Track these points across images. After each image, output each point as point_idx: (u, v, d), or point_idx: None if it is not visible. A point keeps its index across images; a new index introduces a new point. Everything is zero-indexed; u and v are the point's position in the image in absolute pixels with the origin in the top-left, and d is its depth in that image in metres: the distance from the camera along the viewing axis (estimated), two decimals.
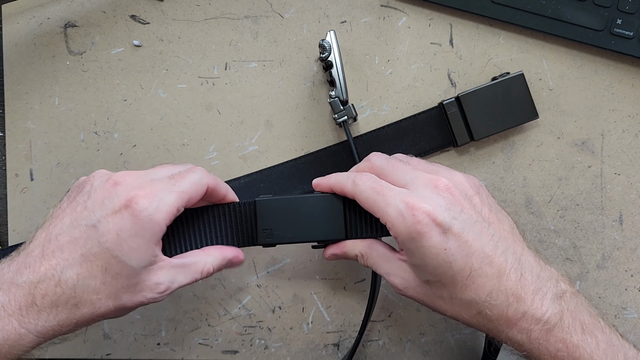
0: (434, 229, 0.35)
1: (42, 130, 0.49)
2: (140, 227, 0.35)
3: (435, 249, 0.35)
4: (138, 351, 0.50)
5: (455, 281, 0.36)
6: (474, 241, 0.36)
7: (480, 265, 0.35)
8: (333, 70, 0.45)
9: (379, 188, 0.37)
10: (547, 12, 0.48)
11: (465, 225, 0.36)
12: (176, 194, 0.37)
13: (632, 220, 0.50)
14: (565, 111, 0.50)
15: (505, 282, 0.35)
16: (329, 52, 0.45)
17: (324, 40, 0.45)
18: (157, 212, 0.35)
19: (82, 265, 0.35)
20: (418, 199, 0.36)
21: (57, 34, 0.49)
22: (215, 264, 0.40)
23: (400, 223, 0.36)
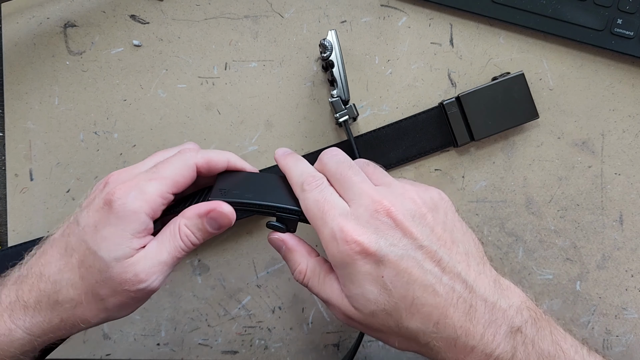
0: (365, 258, 0.33)
1: (41, 130, 0.49)
2: (115, 217, 0.34)
3: (370, 276, 0.34)
4: (138, 351, 0.50)
5: (399, 309, 0.34)
6: (414, 268, 0.33)
7: (423, 294, 0.33)
8: (334, 70, 0.45)
9: (321, 203, 0.35)
10: (547, 11, 0.47)
11: (405, 251, 0.34)
12: (156, 181, 0.35)
13: (633, 221, 0.50)
14: (565, 111, 0.50)
15: (452, 313, 0.33)
16: (330, 52, 0.45)
17: (325, 40, 0.45)
18: (133, 201, 0.34)
19: (62, 259, 0.35)
20: (353, 226, 0.34)
21: (56, 33, 0.49)
22: (189, 223, 0.36)
23: (333, 247, 0.34)
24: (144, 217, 0.34)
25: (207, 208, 0.36)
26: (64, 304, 0.34)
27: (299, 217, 0.37)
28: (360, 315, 0.35)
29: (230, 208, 0.36)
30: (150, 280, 0.34)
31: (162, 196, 0.35)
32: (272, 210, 0.37)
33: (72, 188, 0.49)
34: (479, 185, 0.50)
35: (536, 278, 0.50)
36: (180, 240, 0.36)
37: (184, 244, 0.36)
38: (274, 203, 0.37)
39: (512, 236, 0.50)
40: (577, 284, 0.50)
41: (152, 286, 0.35)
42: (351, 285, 0.34)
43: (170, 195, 0.36)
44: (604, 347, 0.50)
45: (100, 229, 0.34)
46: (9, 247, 0.48)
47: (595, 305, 0.50)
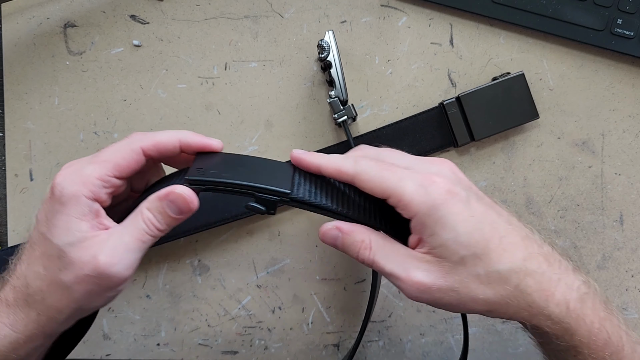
0: (456, 197, 0.34)
1: (41, 131, 0.49)
2: (58, 203, 0.34)
3: (463, 215, 0.33)
4: (138, 352, 0.50)
5: (490, 250, 0.33)
6: (491, 210, 0.35)
7: (507, 232, 0.34)
8: (332, 70, 0.45)
9: (386, 165, 0.35)
10: (547, 12, 0.47)
11: (478, 199, 0.35)
12: (95, 164, 0.35)
13: (633, 221, 0.50)
14: (565, 111, 0.50)
15: (535, 247, 0.34)
16: (327, 52, 0.45)
17: (323, 40, 0.45)
18: (71, 185, 0.34)
19: (29, 254, 0.35)
20: (432, 172, 0.35)
21: (56, 34, 0.49)
22: (151, 207, 0.35)
23: (421, 195, 0.33)
24: (84, 199, 0.34)
25: (166, 191, 0.35)
26: (34, 296, 0.34)
27: (279, 198, 0.35)
28: (445, 269, 0.34)
29: (189, 191, 0.35)
30: (110, 263, 0.33)
31: (101, 178, 0.34)
32: (250, 191, 0.35)
33: None
34: (479, 185, 0.50)
35: None
36: (143, 223, 0.35)
37: (147, 227, 0.35)
38: (252, 183, 0.35)
39: None
40: None
41: (113, 270, 0.33)
42: (442, 231, 0.33)
43: (112, 178, 0.35)
44: None
45: (50, 218, 0.34)
46: (9, 247, 0.48)
47: None
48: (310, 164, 0.37)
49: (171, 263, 0.50)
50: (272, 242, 0.50)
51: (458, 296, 0.34)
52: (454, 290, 0.34)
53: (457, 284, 0.34)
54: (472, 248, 0.33)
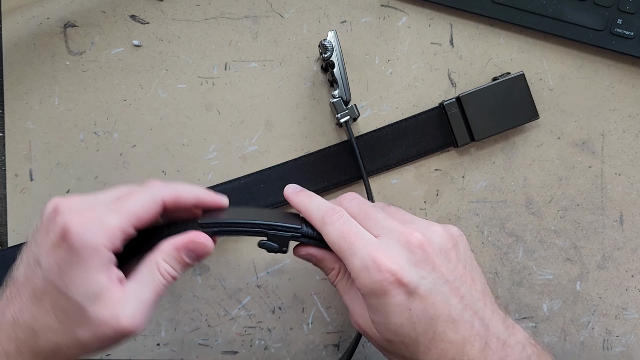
0: (398, 288, 0.33)
1: (41, 131, 0.49)
2: (77, 256, 0.32)
3: (399, 308, 0.33)
4: (138, 352, 0.50)
5: (418, 343, 0.34)
6: (441, 303, 0.34)
7: (445, 330, 0.34)
8: (335, 70, 0.45)
9: (347, 234, 0.35)
10: (547, 12, 0.47)
11: (434, 285, 0.34)
12: (118, 214, 0.33)
13: (633, 221, 0.50)
14: (565, 111, 0.50)
15: (469, 350, 0.34)
16: (331, 52, 0.45)
17: (326, 40, 0.45)
18: (93, 236, 0.32)
19: (34, 304, 0.33)
20: (386, 255, 0.34)
21: (56, 34, 0.49)
22: (167, 257, 0.35)
23: (364, 277, 0.34)
24: (104, 251, 0.32)
25: (185, 240, 0.35)
26: (44, 347, 0.33)
27: (290, 235, 0.37)
28: (377, 337, 0.36)
29: (208, 238, 0.35)
30: (132, 324, 0.33)
31: (123, 230, 0.33)
32: (262, 229, 0.36)
33: (72, 188, 0.49)
34: (479, 185, 0.50)
35: (536, 278, 0.50)
36: (161, 276, 0.34)
37: (164, 279, 0.34)
38: (263, 221, 0.36)
39: (512, 236, 0.50)
40: (578, 284, 0.50)
41: (134, 329, 0.33)
42: (376, 314, 0.35)
43: (132, 229, 0.34)
44: (604, 347, 0.50)
45: (64, 269, 0.32)
46: (8, 247, 0.48)
47: (595, 305, 0.50)
48: (292, 204, 0.39)
49: None
50: None
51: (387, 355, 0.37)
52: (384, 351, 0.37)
53: (385, 350, 0.36)
54: (400, 337, 0.34)
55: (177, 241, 0.35)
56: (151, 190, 0.35)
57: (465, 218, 0.50)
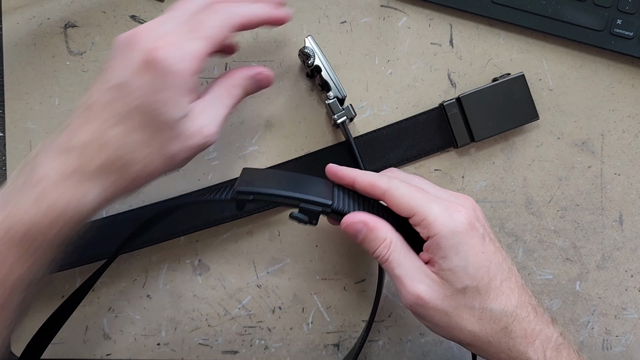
0: (475, 230, 0.36)
1: (42, 131, 0.49)
2: (165, 80, 0.34)
3: (475, 249, 0.36)
4: (138, 351, 0.50)
5: (490, 288, 0.36)
6: (499, 252, 0.37)
7: (509, 275, 0.37)
8: (323, 73, 0.45)
9: (415, 191, 0.37)
10: (547, 12, 0.48)
11: (490, 239, 0.37)
12: (198, 39, 0.35)
13: (632, 221, 0.50)
14: (565, 111, 0.50)
15: (526, 295, 0.37)
16: (313, 57, 0.45)
17: (305, 47, 0.45)
18: (179, 62, 0.34)
19: (122, 124, 0.34)
20: (458, 204, 0.37)
21: (57, 34, 0.49)
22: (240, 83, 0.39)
23: (444, 219, 0.36)
24: (190, 76, 0.35)
25: (255, 71, 0.40)
26: (135, 164, 0.35)
27: (321, 210, 0.37)
28: (446, 293, 0.36)
29: (270, 72, 0.41)
30: (213, 132, 0.37)
31: (205, 55, 0.35)
32: (295, 202, 0.37)
33: None
34: (478, 185, 0.50)
35: (536, 278, 0.50)
36: (233, 97, 0.39)
37: (234, 100, 0.39)
38: (297, 194, 0.37)
39: (512, 236, 0.50)
40: (577, 284, 0.50)
41: (214, 138, 0.37)
42: (455, 257, 0.36)
43: (210, 53, 0.36)
44: (604, 347, 0.51)
45: (155, 92, 0.34)
46: None
47: (595, 305, 0.50)
48: (345, 176, 0.40)
49: (171, 263, 0.50)
50: (272, 242, 0.50)
51: (448, 320, 0.37)
52: (447, 314, 0.36)
53: (451, 309, 0.36)
54: (475, 281, 0.36)
55: (248, 70, 0.40)
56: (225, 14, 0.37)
57: None
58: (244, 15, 0.37)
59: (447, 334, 0.38)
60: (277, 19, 0.40)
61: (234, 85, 0.39)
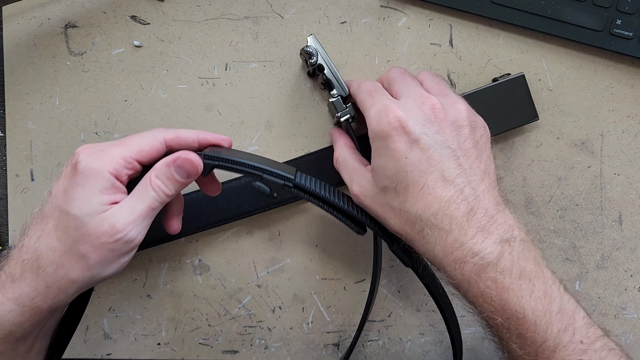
0: (401, 135, 0.37)
1: (42, 131, 0.49)
2: (81, 177, 0.35)
3: (397, 153, 0.37)
4: (138, 351, 0.50)
5: (408, 192, 0.37)
6: (436, 161, 0.37)
7: (434, 185, 0.37)
8: (326, 71, 0.45)
9: (373, 92, 0.41)
10: (546, 12, 0.48)
11: (434, 144, 0.37)
12: (120, 146, 0.37)
13: (632, 221, 0.50)
14: (564, 111, 0.50)
15: (453, 209, 0.36)
16: (316, 56, 0.45)
17: (308, 46, 0.45)
18: (96, 160, 0.36)
19: (39, 227, 0.36)
20: (398, 106, 0.38)
21: (57, 34, 0.49)
22: (159, 174, 0.37)
23: (375, 121, 0.39)
24: (107, 175, 0.36)
25: (173, 157, 0.38)
26: (46, 267, 0.35)
27: (284, 182, 0.39)
28: (373, 189, 0.39)
29: (195, 155, 0.38)
30: (127, 230, 0.36)
31: (124, 159, 0.37)
32: (258, 172, 0.39)
33: None
34: None
35: None
36: (153, 190, 0.37)
37: (156, 194, 0.37)
38: (261, 165, 0.39)
39: None
40: (577, 283, 0.50)
41: (129, 236, 0.36)
42: (378, 158, 0.39)
43: (134, 161, 0.37)
44: None
45: (69, 191, 0.35)
46: (9, 246, 0.48)
47: (594, 305, 0.50)
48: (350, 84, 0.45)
49: (172, 263, 0.50)
50: (272, 242, 0.50)
51: (378, 215, 0.40)
52: (376, 211, 0.40)
53: (378, 206, 0.39)
54: (393, 182, 0.38)
55: (167, 158, 0.38)
56: (152, 131, 0.39)
57: None
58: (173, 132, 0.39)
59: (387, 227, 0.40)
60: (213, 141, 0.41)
61: (154, 178, 0.37)
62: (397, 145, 0.37)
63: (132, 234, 0.36)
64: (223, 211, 0.48)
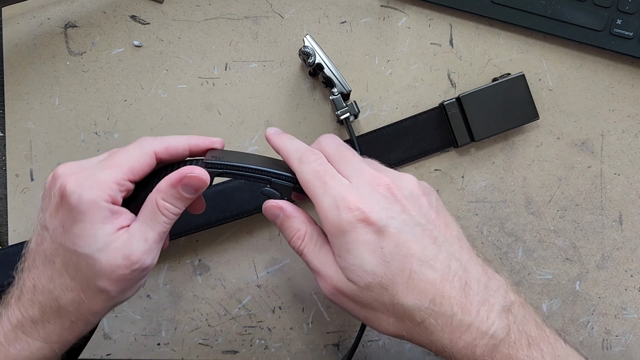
0: (367, 227, 0.33)
1: (42, 131, 0.49)
2: (77, 212, 0.33)
3: (370, 246, 0.33)
4: (138, 351, 0.50)
5: (396, 283, 0.33)
6: (413, 242, 0.34)
7: (421, 269, 0.33)
8: (325, 70, 0.45)
9: (322, 173, 0.36)
10: (547, 12, 0.48)
11: (404, 226, 0.34)
12: (110, 168, 0.34)
13: (632, 221, 0.50)
14: (565, 111, 0.50)
15: (449, 289, 0.33)
16: (314, 56, 0.45)
17: (305, 47, 0.45)
18: (87, 191, 0.33)
19: (47, 267, 0.35)
20: (355, 195, 0.34)
21: (57, 34, 0.49)
22: (165, 196, 0.35)
23: (333, 215, 0.34)
24: (104, 204, 0.33)
25: (179, 176, 0.35)
26: (67, 307, 0.35)
27: (294, 185, 0.37)
28: (354, 289, 0.34)
29: (201, 170, 0.36)
30: (142, 259, 0.34)
31: (117, 182, 0.34)
32: (267, 176, 0.37)
33: None
34: (478, 185, 0.50)
35: (536, 278, 0.50)
36: (162, 215, 0.35)
37: (166, 218, 0.35)
38: (269, 169, 0.37)
39: (512, 236, 0.50)
40: (577, 284, 0.50)
41: (145, 264, 0.35)
42: (348, 256, 0.34)
43: (126, 182, 0.35)
44: (604, 347, 0.51)
45: (69, 228, 0.33)
46: (9, 246, 0.48)
47: (594, 305, 0.50)
48: (273, 145, 0.39)
49: (171, 263, 0.50)
50: (272, 242, 0.50)
51: (365, 314, 0.35)
52: (362, 308, 0.35)
53: (366, 302, 0.35)
54: (377, 277, 0.34)
55: (172, 177, 0.35)
56: (141, 143, 0.37)
57: (464, 218, 0.50)
58: (162, 142, 0.37)
59: (373, 327, 0.36)
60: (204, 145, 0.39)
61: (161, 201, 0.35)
62: (365, 238, 0.33)
63: (147, 261, 0.35)
64: (223, 211, 0.48)
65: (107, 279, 0.34)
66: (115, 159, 0.35)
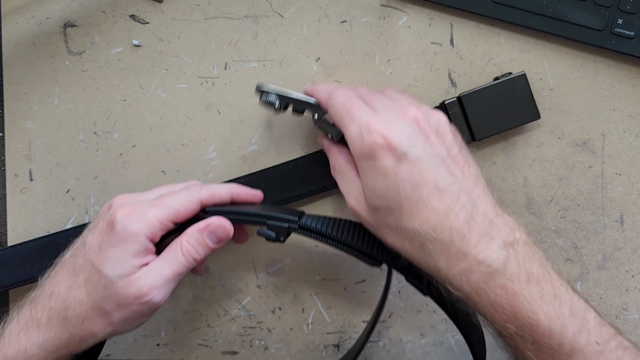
0: (387, 151, 0.36)
1: (41, 131, 0.49)
2: (117, 238, 0.36)
3: (385, 171, 0.36)
4: (138, 352, 0.50)
5: (402, 208, 0.36)
6: (428, 172, 0.36)
7: (429, 197, 0.35)
8: (293, 107, 0.44)
9: (349, 104, 0.39)
10: (547, 11, 0.47)
11: (424, 155, 0.36)
12: (159, 207, 0.38)
13: (633, 221, 0.50)
14: (566, 111, 0.50)
15: (452, 219, 0.35)
16: (278, 100, 0.43)
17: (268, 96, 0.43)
18: (133, 223, 0.37)
19: (70, 278, 0.37)
20: (379, 121, 0.37)
21: (56, 34, 0.49)
22: (190, 239, 0.39)
23: (357, 141, 0.37)
24: (143, 238, 0.37)
25: (206, 223, 0.39)
26: (72, 319, 0.37)
27: (288, 225, 0.40)
28: (366, 208, 0.38)
29: (227, 221, 0.39)
30: (152, 294, 0.37)
31: (161, 221, 0.38)
32: (262, 219, 0.40)
33: (72, 188, 0.49)
34: None
35: None
36: (182, 255, 0.38)
37: (185, 260, 0.38)
38: (263, 212, 0.40)
39: None
40: (578, 284, 0.50)
41: (154, 300, 0.37)
42: (366, 178, 0.37)
43: (170, 223, 0.38)
44: None
45: (104, 249, 0.36)
46: (8, 246, 0.48)
47: (595, 305, 0.50)
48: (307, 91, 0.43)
49: None
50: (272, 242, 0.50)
51: (375, 232, 0.39)
52: (373, 227, 0.39)
53: (374, 222, 0.38)
54: (385, 201, 0.36)
55: (199, 224, 0.39)
56: (190, 190, 0.40)
57: None
58: (208, 191, 0.40)
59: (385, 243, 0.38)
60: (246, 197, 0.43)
61: (185, 243, 0.39)
62: (384, 163, 0.36)
63: (157, 298, 0.37)
64: None
65: (115, 304, 0.36)
66: (165, 200, 0.39)
